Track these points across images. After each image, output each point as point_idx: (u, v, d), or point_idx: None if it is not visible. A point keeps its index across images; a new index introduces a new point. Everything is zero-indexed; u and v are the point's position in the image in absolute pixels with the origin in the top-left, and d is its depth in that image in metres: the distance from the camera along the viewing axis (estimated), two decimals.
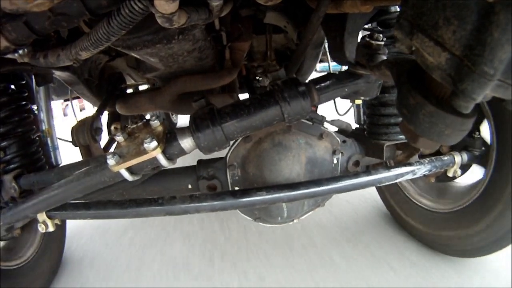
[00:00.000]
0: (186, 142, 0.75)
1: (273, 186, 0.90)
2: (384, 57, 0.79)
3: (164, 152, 0.73)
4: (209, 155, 0.83)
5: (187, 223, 1.80)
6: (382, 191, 1.61)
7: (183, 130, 0.76)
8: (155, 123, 0.76)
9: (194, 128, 0.74)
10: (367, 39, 0.80)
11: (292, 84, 0.75)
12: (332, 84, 0.81)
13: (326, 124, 1.01)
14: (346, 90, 0.82)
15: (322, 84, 0.80)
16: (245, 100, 0.78)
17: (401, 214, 1.48)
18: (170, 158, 0.76)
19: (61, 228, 1.59)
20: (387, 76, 0.70)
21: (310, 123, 0.98)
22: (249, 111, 0.74)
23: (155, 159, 0.73)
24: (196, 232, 1.71)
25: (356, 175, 0.93)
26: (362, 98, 0.91)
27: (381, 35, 0.81)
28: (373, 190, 1.71)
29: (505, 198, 0.99)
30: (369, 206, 1.77)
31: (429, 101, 0.51)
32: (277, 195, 0.87)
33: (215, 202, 0.87)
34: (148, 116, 0.78)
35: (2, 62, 0.88)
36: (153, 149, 0.70)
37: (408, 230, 1.47)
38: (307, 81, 0.83)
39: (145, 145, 0.70)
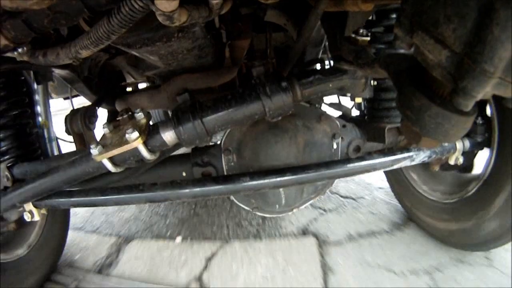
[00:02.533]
0: (168, 135, 0.75)
1: (258, 172, 0.89)
2: (372, 54, 0.78)
3: (145, 144, 0.74)
4: None
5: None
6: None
7: (165, 123, 0.77)
8: (139, 116, 0.77)
9: (175, 121, 0.74)
10: (353, 35, 0.79)
11: (274, 79, 0.75)
12: (316, 80, 0.79)
13: (325, 107, 0.99)
14: (331, 85, 0.81)
15: (306, 80, 0.79)
16: (228, 94, 0.78)
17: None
18: (152, 150, 0.76)
19: (63, 220, 1.58)
20: (380, 74, 0.70)
21: (307, 105, 0.96)
22: (230, 105, 0.75)
23: (136, 150, 0.73)
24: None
25: (350, 160, 0.91)
26: (348, 95, 0.90)
27: (367, 31, 0.80)
28: None
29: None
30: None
31: (434, 102, 0.51)
32: (262, 181, 0.86)
33: (196, 189, 0.87)
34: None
35: (1, 60, 0.88)
36: (134, 139, 0.71)
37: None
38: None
39: (127, 136, 0.71)
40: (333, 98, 1.46)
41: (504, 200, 1.00)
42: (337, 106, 1.08)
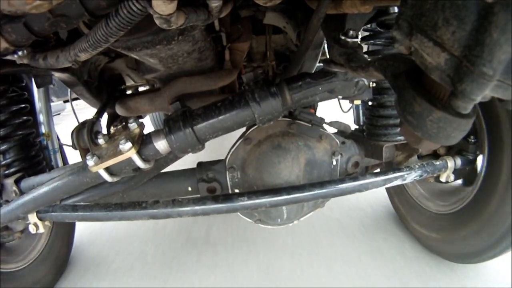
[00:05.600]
0: (161, 144, 0.76)
1: (256, 192, 0.90)
2: (365, 57, 0.77)
3: (139, 153, 0.75)
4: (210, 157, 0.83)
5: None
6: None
7: (158, 132, 0.78)
8: (133, 126, 0.79)
9: (166, 130, 0.75)
10: (342, 37, 0.78)
11: (263, 85, 0.76)
12: (306, 84, 0.79)
13: (325, 126, 1.01)
14: (320, 88, 0.80)
15: (295, 84, 0.79)
16: (217, 101, 0.78)
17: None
18: (146, 159, 0.77)
19: (68, 231, 1.58)
20: (375, 77, 0.69)
21: (309, 125, 0.97)
22: (220, 112, 0.75)
23: (131, 159, 0.74)
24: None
25: (343, 180, 0.92)
26: (340, 97, 0.89)
27: (356, 32, 0.79)
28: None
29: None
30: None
31: (436, 107, 0.50)
32: (259, 200, 0.87)
33: (196, 207, 0.88)
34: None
35: (1, 63, 0.88)
36: (127, 150, 0.72)
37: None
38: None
39: (120, 146, 0.72)
40: (337, 112, 1.46)
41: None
42: (336, 123, 1.10)
